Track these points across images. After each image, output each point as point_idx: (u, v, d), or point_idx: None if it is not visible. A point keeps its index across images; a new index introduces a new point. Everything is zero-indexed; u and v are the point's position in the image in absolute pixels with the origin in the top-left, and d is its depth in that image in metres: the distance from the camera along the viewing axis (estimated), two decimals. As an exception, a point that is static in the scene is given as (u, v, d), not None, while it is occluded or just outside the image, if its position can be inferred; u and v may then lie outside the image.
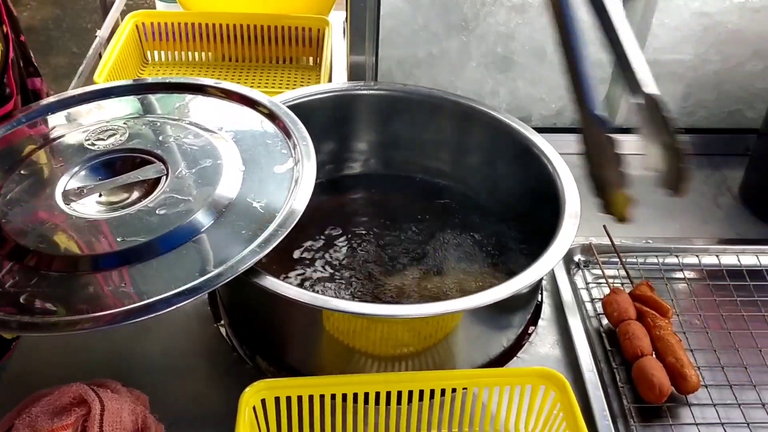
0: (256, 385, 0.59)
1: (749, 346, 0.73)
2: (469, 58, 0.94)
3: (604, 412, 0.65)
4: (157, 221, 0.62)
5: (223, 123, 0.75)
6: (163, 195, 0.65)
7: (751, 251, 0.83)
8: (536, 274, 0.63)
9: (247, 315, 0.71)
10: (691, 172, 0.59)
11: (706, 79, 0.97)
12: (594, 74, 0.61)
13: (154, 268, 0.60)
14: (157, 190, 0.66)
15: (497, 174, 0.85)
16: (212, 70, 1.12)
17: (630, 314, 0.72)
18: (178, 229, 0.62)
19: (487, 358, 0.71)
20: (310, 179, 0.67)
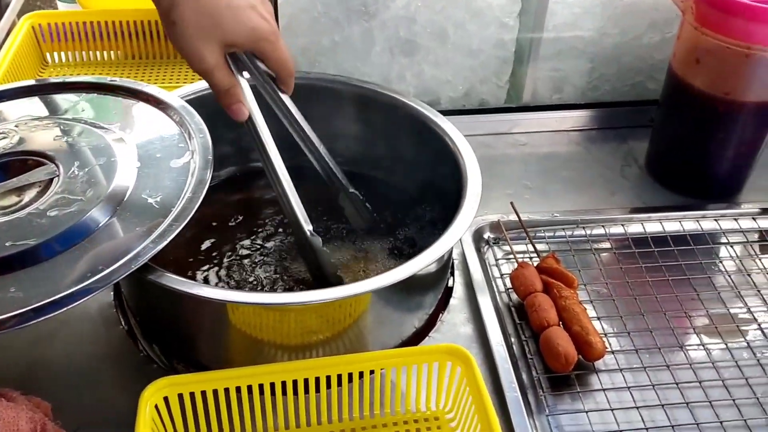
0: (157, 383, 0.58)
1: (654, 310, 0.75)
2: (372, 44, 0.94)
3: (513, 384, 0.66)
4: (48, 223, 0.61)
5: (119, 120, 0.73)
6: (55, 196, 0.63)
7: (655, 219, 0.85)
8: (433, 255, 0.63)
9: (152, 314, 0.70)
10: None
11: (607, 53, 0.99)
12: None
13: (45, 270, 0.58)
14: (49, 191, 0.64)
15: (405, 158, 0.85)
16: (118, 68, 1.09)
17: (536, 287, 0.73)
18: (71, 230, 0.60)
19: (399, 340, 0.71)
20: (206, 172, 0.66)
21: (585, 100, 1.03)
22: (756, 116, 0.83)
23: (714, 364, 0.70)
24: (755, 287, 0.78)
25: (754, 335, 0.73)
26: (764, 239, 0.85)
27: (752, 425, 0.64)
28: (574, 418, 0.65)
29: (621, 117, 1.02)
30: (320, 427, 0.64)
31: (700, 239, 0.83)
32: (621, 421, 0.64)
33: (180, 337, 0.69)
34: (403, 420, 0.65)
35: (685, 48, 0.83)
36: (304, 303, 0.60)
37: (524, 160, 0.97)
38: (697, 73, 0.82)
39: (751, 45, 0.77)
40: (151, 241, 0.59)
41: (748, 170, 0.90)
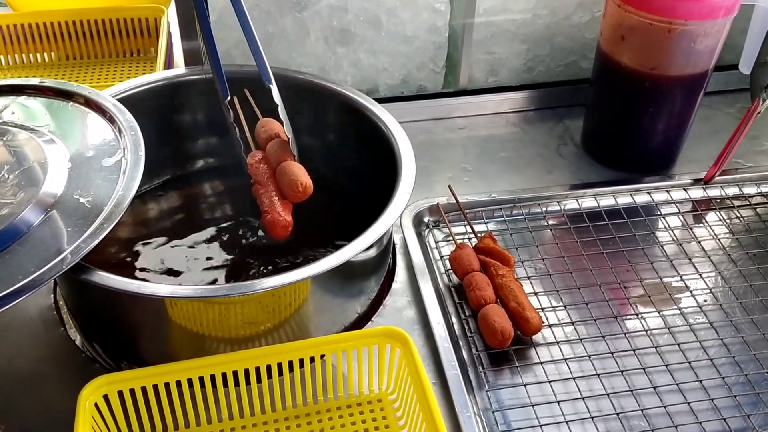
0: (95, 382, 0.58)
1: (590, 284, 0.76)
2: (306, 34, 0.94)
3: (453, 362, 0.67)
4: (-23, 228, 0.60)
5: (49, 121, 0.73)
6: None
7: (590, 195, 0.87)
8: (366, 241, 0.64)
9: (91, 314, 0.70)
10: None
11: (539, 34, 1.00)
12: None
13: (-26, 276, 0.58)
14: (-23, 197, 0.64)
15: (343, 147, 0.86)
16: (52, 70, 1.08)
17: (474, 266, 0.74)
18: (1, 234, 0.60)
19: (342, 326, 0.72)
20: (137, 169, 0.65)
21: (520, 81, 1.04)
22: (682, 89, 0.86)
23: (648, 332, 0.72)
24: (688, 256, 0.81)
25: (686, 303, 0.75)
26: (696, 209, 0.87)
27: (684, 389, 0.67)
28: (513, 392, 0.66)
29: (556, 97, 1.04)
30: (265, 416, 0.65)
31: (633, 212, 0.85)
32: (558, 392, 0.66)
33: (120, 336, 0.69)
34: (347, 404, 0.65)
35: (610, 26, 0.85)
36: (241, 294, 0.61)
37: (463, 143, 0.98)
38: (623, 50, 0.84)
39: (672, 20, 0.79)
40: (82, 240, 0.59)
41: (680, 143, 0.92)
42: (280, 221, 0.64)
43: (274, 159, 0.68)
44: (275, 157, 0.68)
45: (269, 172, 0.68)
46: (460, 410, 0.64)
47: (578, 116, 1.00)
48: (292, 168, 0.66)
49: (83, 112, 0.74)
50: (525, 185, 0.90)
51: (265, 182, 0.67)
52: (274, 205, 0.65)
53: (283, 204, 0.65)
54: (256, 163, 0.69)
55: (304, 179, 0.65)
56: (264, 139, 0.70)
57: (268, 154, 0.69)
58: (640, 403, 0.65)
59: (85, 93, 0.74)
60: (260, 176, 0.68)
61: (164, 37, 0.98)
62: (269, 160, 0.69)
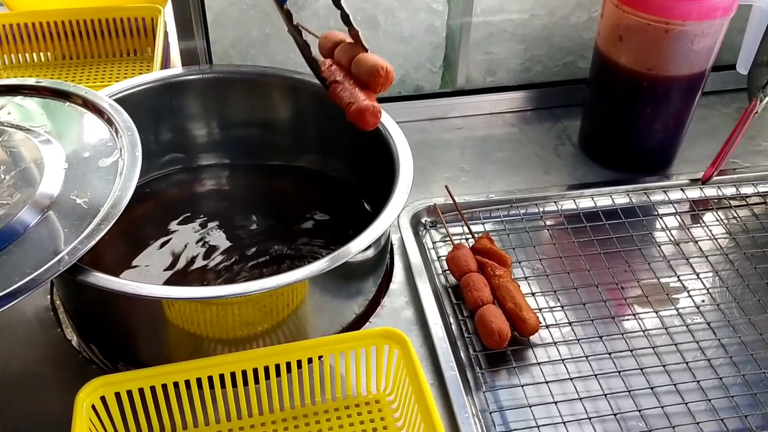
0: (92, 383, 0.58)
1: (587, 284, 0.76)
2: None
3: (451, 363, 0.67)
4: (-27, 229, 0.60)
5: (46, 121, 0.72)
6: (-20, 202, 0.63)
7: (587, 195, 0.87)
8: (363, 242, 0.64)
9: (88, 315, 0.70)
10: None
11: (537, 34, 1.00)
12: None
13: (-31, 277, 0.57)
14: (-27, 198, 0.64)
15: (340, 147, 0.86)
16: (48, 69, 1.08)
17: (471, 267, 0.74)
18: (-4, 235, 0.60)
19: (340, 327, 0.72)
20: (134, 170, 0.65)
21: (518, 81, 1.04)
22: (680, 90, 0.86)
23: (645, 333, 0.72)
24: (685, 257, 0.81)
25: (684, 303, 0.75)
26: (694, 210, 0.87)
27: (682, 390, 0.67)
28: (511, 393, 0.66)
29: (554, 97, 1.04)
30: (263, 417, 0.64)
31: (631, 213, 0.85)
32: (556, 393, 0.66)
33: (117, 337, 0.69)
34: (345, 405, 0.65)
35: (608, 26, 0.85)
36: (238, 295, 0.61)
37: (461, 143, 0.98)
38: (621, 51, 0.84)
39: (670, 20, 0.79)
40: (79, 241, 0.58)
41: (677, 143, 0.92)
42: (368, 108, 0.63)
43: (346, 58, 0.67)
44: (347, 56, 0.67)
45: (344, 71, 0.67)
46: (458, 411, 0.63)
47: (576, 116, 0.99)
48: (369, 56, 0.65)
49: (80, 113, 0.73)
50: (522, 185, 0.90)
51: (342, 80, 0.66)
52: (357, 95, 0.64)
53: (366, 93, 0.64)
54: (329, 68, 0.68)
55: (385, 63, 0.63)
56: (329, 48, 0.69)
57: (338, 57, 0.68)
58: (638, 403, 0.65)
59: (81, 93, 0.74)
60: (336, 76, 0.67)
61: (161, 37, 0.98)
62: (341, 63, 0.68)
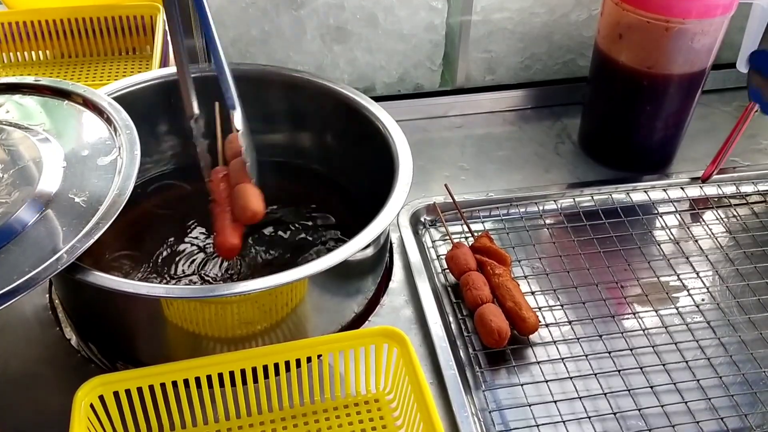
0: (90, 382, 0.57)
1: (587, 283, 0.76)
2: (303, 32, 0.94)
3: (450, 362, 0.67)
4: (-28, 228, 0.60)
5: (44, 120, 0.72)
6: (-22, 201, 0.63)
7: (587, 193, 0.87)
8: (362, 241, 0.63)
9: (87, 314, 0.70)
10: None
11: (537, 32, 1.00)
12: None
13: (-33, 276, 0.57)
14: (-28, 196, 0.63)
15: (339, 146, 0.86)
16: (47, 68, 1.08)
17: (470, 266, 0.74)
18: (-6, 234, 0.60)
19: (339, 325, 0.72)
20: (133, 168, 0.65)
21: (518, 80, 1.04)
22: (680, 88, 0.85)
23: (645, 332, 0.72)
24: (685, 255, 0.80)
25: (684, 302, 0.75)
26: (694, 208, 0.87)
27: (681, 389, 0.66)
28: (510, 392, 0.66)
29: (554, 95, 1.04)
30: (261, 416, 0.64)
31: (631, 211, 0.85)
32: (555, 392, 0.66)
33: (116, 336, 0.69)
34: (344, 404, 0.65)
35: (608, 24, 0.84)
36: (237, 294, 0.60)
37: (460, 142, 0.98)
38: (621, 49, 0.84)
39: (670, 18, 0.79)
40: (77, 240, 0.58)
41: (677, 141, 0.92)
42: (227, 244, 0.65)
43: (234, 179, 0.68)
44: (234, 177, 0.68)
45: (227, 191, 0.68)
46: (458, 410, 0.63)
47: (576, 115, 0.99)
48: (246, 192, 0.66)
49: (78, 111, 0.73)
50: (522, 184, 0.90)
51: (222, 202, 0.67)
52: (224, 228, 0.65)
53: (234, 226, 0.66)
54: (218, 181, 0.69)
55: (253, 207, 0.65)
56: (230, 156, 0.70)
57: (231, 172, 0.69)
58: (638, 402, 0.65)
59: (80, 91, 0.74)
60: (218, 195, 0.68)
61: (160, 35, 0.98)
62: (230, 180, 0.69)
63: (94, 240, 0.58)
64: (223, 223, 0.66)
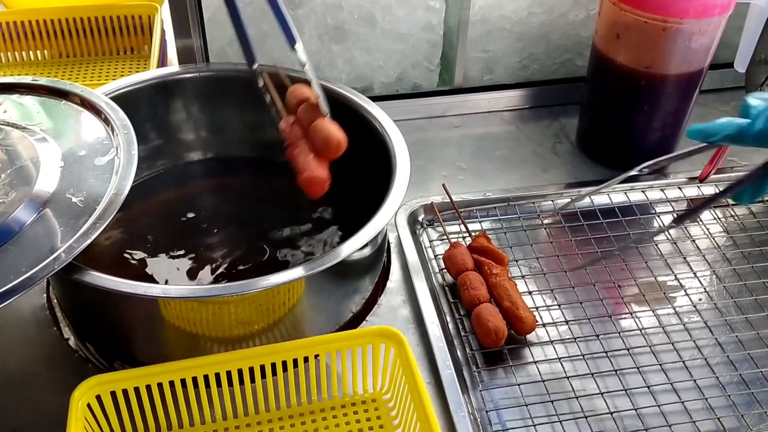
0: (88, 382, 0.57)
1: (584, 282, 0.76)
2: (301, 32, 0.93)
3: (447, 361, 0.67)
4: (-31, 228, 0.60)
5: (42, 120, 0.72)
6: (-24, 201, 0.63)
7: (584, 193, 0.87)
8: (359, 241, 0.64)
9: (84, 314, 0.70)
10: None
11: (535, 31, 1.00)
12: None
13: (-36, 276, 0.57)
14: (-32, 196, 0.63)
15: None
16: (45, 67, 1.08)
17: (468, 265, 0.74)
18: (-8, 234, 0.60)
19: (336, 325, 0.72)
20: (130, 168, 0.65)
21: (516, 79, 1.04)
22: (677, 88, 0.85)
23: (642, 332, 0.72)
24: (682, 255, 0.80)
25: (681, 302, 0.75)
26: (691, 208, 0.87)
27: (678, 388, 0.66)
28: (507, 392, 0.66)
29: (552, 95, 1.04)
30: (259, 416, 0.64)
31: (628, 211, 0.85)
32: (552, 392, 0.66)
33: (114, 336, 0.69)
34: (341, 404, 0.65)
35: (605, 24, 0.85)
36: (234, 294, 0.60)
37: (458, 142, 0.98)
38: (618, 49, 0.84)
39: (667, 18, 0.79)
40: (75, 240, 0.58)
41: (675, 141, 0.92)
42: (316, 178, 0.63)
43: (306, 120, 0.67)
44: (306, 118, 0.67)
45: (302, 134, 0.67)
46: (455, 409, 0.63)
47: (573, 114, 0.99)
48: (324, 125, 0.65)
49: (76, 111, 0.73)
50: (520, 184, 0.90)
51: (299, 143, 0.66)
52: (309, 163, 0.64)
53: (319, 161, 0.65)
54: (288, 127, 0.68)
55: (337, 135, 0.64)
56: (294, 104, 0.69)
57: (300, 117, 0.68)
58: (634, 402, 0.65)
59: (77, 91, 0.74)
60: (293, 138, 0.67)
61: (158, 35, 0.98)
62: (301, 123, 0.68)
63: (92, 240, 0.58)
64: (305, 158, 0.65)
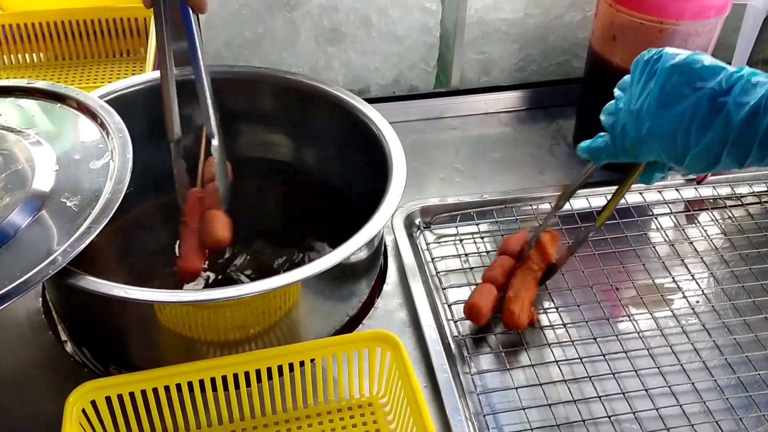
0: (83, 387, 0.57)
1: (582, 285, 0.76)
2: (297, 34, 0.93)
3: (444, 365, 0.67)
4: (-37, 232, 0.60)
5: (37, 123, 0.72)
6: (-30, 205, 0.62)
7: (582, 195, 0.86)
8: (355, 244, 0.63)
9: (80, 318, 0.69)
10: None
11: (531, 33, 1.00)
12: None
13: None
14: (-37, 200, 0.63)
15: (333, 148, 0.86)
16: (41, 70, 1.07)
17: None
18: (-14, 238, 0.59)
19: (333, 329, 0.71)
20: (125, 172, 0.65)
21: (512, 81, 1.04)
22: (674, 90, 0.85)
23: (640, 334, 0.71)
24: (680, 257, 0.80)
25: (679, 304, 0.75)
26: (689, 210, 0.87)
27: (676, 392, 0.66)
28: (505, 396, 0.66)
29: (549, 96, 1.04)
30: (254, 420, 0.64)
31: (625, 213, 0.85)
32: (550, 395, 0.66)
33: (109, 340, 0.68)
34: (337, 408, 0.65)
35: (602, 25, 0.84)
36: (230, 298, 0.60)
37: (455, 143, 0.98)
38: (615, 50, 0.84)
39: (664, 20, 0.79)
40: (70, 244, 0.58)
41: (672, 143, 0.92)
42: (188, 269, 0.66)
43: (206, 203, 0.69)
44: (207, 201, 0.69)
45: (199, 215, 0.69)
46: (451, 414, 0.63)
47: (570, 116, 0.99)
48: (215, 219, 0.67)
49: (71, 114, 0.73)
50: (517, 186, 0.90)
51: (191, 225, 0.68)
52: (189, 252, 0.67)
53: (199, 252, 0.67)
54: (192, 203, 0.70)
55: (220, 234, 0.66)
56: (207, 179, 0.71)
57: (205, 195, 0.70)
58: (632, 406, 0.65)
59: (73, 95, 0.74)
60: (189, 217, 0.69)
61: (153, 37, 0.97)
62: (203, 203, 0.69)
63: (87, 244, 0.58)
64: (188, 246, 0.67)
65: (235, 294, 0.60)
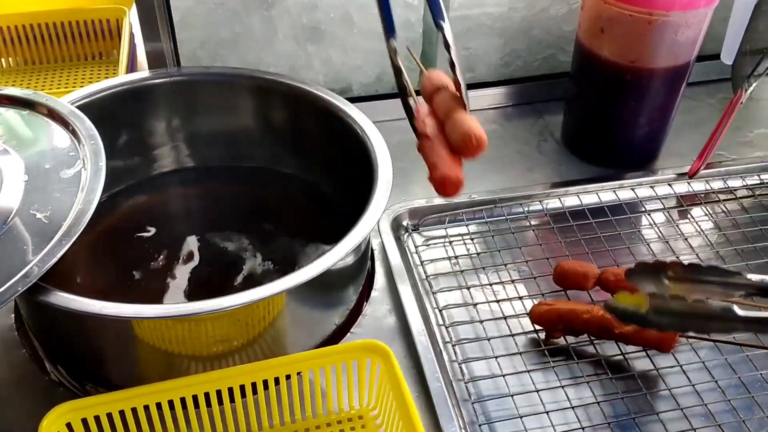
0: (58, 409, 0.54)
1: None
2: (274, 33, 0.90)
3: (436, 373, 0.64)
4: (-75, 251, 0.56)
5: (4, 131, 0.69)
6: (-69, 221, 0.59)
7: (573, 192, 0.84)
8: (342, 250, 0.61)
9: (54, 335, 0.66)
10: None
11: (516, 27, 0.97)
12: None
13: None
14: (-75, 215, 0.60)
15: (316, 150, 0.83)
16: (11, 75, 1.04)
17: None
18: (-51, 256, 0.56)
19: (320, 338, 0.69)
20: (98, 180, 0.62)
21: (498, 77, 1.01)
22: (664, 82, 0.83)
23: (637, 335, 0.69)
24: (674, 253, 0.78)
25: (675, 302, 0.73)
26: (681, 204, 0.85)
27: (676, 393, 0.64)
28: (500, 403, 0.63)
29: (535, 91, 1.01)
30: (241, 437, 0.61)
31: (617, 209, 0.83)
32: (547, 402, 0.63)
33: (85, 358, 0.65)
34: (326, 422, 0.62)
35: (589, 18, 0.82)
36: (209, 312, 0.57)
37: (441, 142, 0.95)
38: (602, 43, 0.82)
39: (653, 11, 0.76)
40: (39, 259, 0.55)
41: (662, 136, 0.90)
42: (450, 178, 0.58)
43: (443, 111, 0.62)
44: (444, 109, 0.62)
45: (438, 126, 0.62)
46: (445, 424, 0.61)
47: (558, 111, 0.97)
48: (464, 120, 0.59)
49: (41, 121, 0.70)
50: (506, 185, 0.87)
51: (433, 136, 0.61)
52: (444, 160, 0.59)
53: (454, 159, 0.59)
54: (423, 117, 0.63)
55: (478, 131, 0.58)
56: (429, 92, 0.65)
57: (436, 106, 0.63)
58: (631, 409, 0.63)
59: (42, 101, 0.71)
60: (427, 130, 0.62)
61: (126, 39, 0.95)
62: (437, 114, 0.63)
63: (57, 258, 0.55)
64: (440, 154, 0.59)
65: (217, 307, 0.57)
